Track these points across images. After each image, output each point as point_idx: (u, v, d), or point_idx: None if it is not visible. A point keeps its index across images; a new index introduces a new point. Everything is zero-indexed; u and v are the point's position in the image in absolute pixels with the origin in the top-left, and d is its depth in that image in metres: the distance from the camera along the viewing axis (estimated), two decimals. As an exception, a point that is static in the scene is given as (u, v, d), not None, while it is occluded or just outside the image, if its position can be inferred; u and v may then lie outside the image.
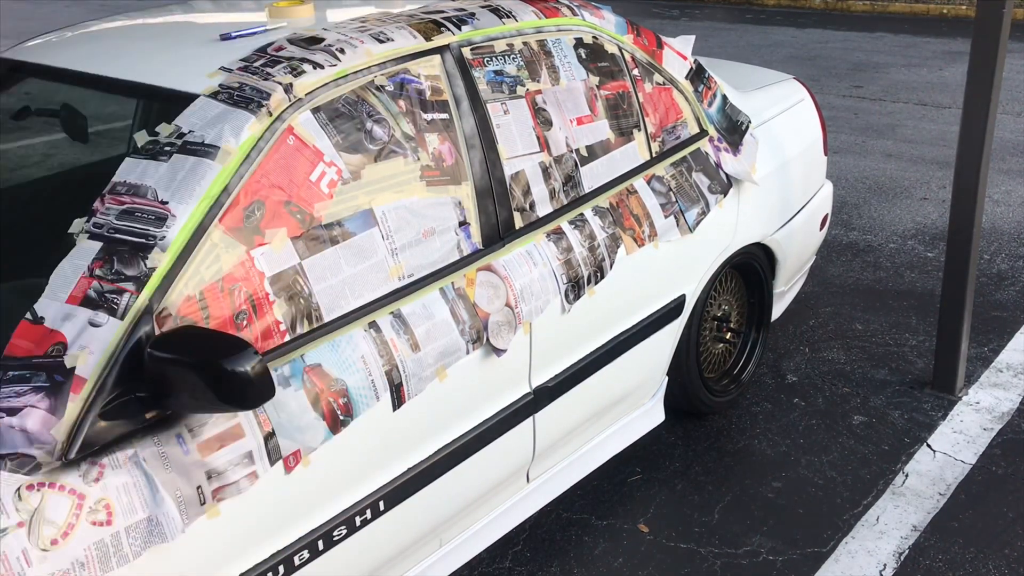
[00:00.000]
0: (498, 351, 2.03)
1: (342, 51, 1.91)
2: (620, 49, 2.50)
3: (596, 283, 2.27)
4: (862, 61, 9.08)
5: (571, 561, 2.49)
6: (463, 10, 2.21)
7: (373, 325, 1.81)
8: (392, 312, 1.85)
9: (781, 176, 2.99)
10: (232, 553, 1.62)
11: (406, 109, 1.96)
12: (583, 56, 2.39)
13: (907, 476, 2.78)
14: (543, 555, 2.52)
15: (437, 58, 2.05)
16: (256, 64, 1.87)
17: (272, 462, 1.63)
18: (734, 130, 2.82)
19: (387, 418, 1.82)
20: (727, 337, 3.07)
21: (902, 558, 2.46)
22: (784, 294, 3.30)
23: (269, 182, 1.71)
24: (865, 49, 9.72)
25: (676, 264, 2.58)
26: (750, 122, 2.86)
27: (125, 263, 1.55)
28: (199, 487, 1.53)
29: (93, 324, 1.50)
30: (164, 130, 1.72)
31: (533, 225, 2.17)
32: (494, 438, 2.07)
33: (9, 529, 1.34)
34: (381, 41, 1.98)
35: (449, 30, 2.11)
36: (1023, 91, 7.53)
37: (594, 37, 2.44)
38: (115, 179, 1.66)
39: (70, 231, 1.60)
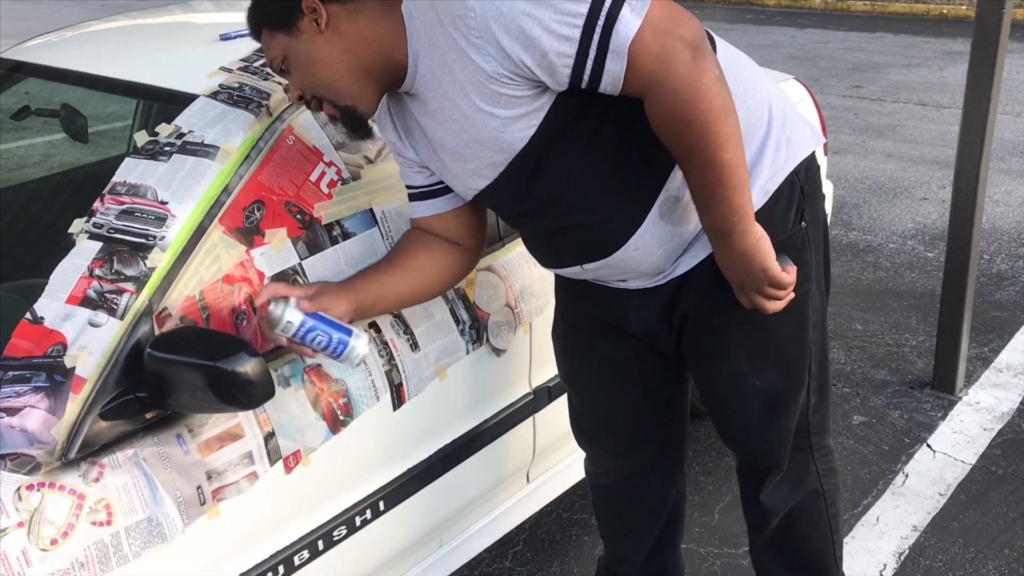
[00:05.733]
0: (498, 351, 2.03)
1: (342, 51, 1.91)
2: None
3: None
4: (862, 61, 9.09)
5: (571, 561, 2.49)
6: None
7: (373, 325, 1.81)
8: (392, 312, 1.85)
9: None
10: (232, 553, 1.62)
11: (406, 109, 1.96)
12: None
13: (907, 476, 2.78)
14: (543, 555, 2.52)
15: (437, 58, 2.05)
16: (256, 64, 1.87)
17: (272, 462, 1.63)
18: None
19: (387, 418, 1.82)
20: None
21: (902, 558, 2.46)
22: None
23: (269, 182, 1.71)
24: (865, 49, 9.73)
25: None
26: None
27: (125, 263, 1.55)
28: (199, 487, 1.53)
29: (93, 324, 1.50)
30: (164, 130, 1.72)
31: (533, 225, 2.17)
32: (494, 438, 2.07)
33: (9, 529, 1.34)
34: (381, 41, 1.98)
35: (449, 30, 2.10)
36: (1023, 91, 7.53)
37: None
38: (115, 179, 1.66)
39: (70, 231, 1.60)
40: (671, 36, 1.35)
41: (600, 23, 1.33)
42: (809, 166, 1.70)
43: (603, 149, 1.51)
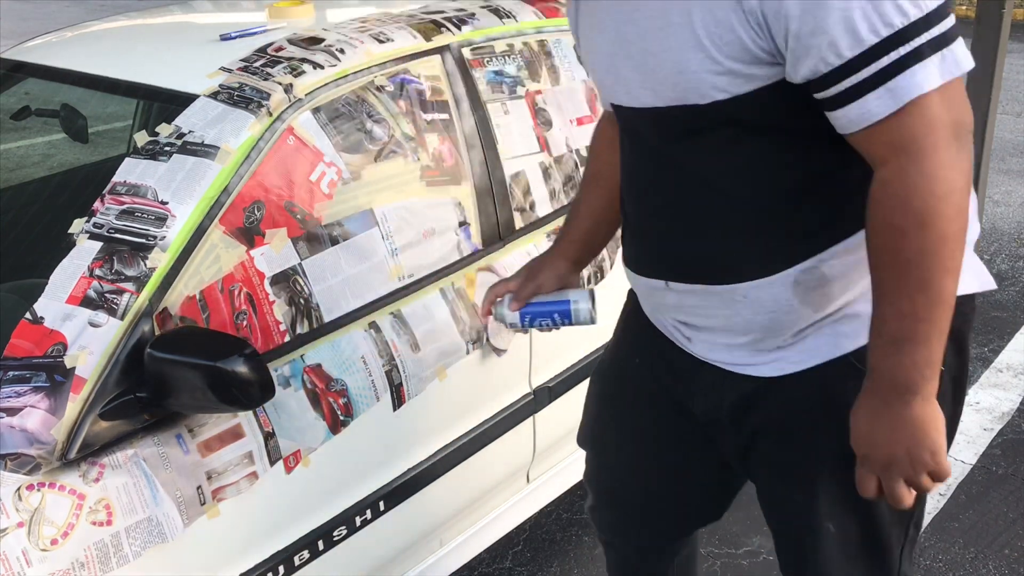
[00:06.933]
0: (498, 351, 2.03)
1: (342, 51, 1.91)
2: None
3: (597, 283, 2.27)
4: (862, 61, 9.06)
5: (571, 561, 2.49)
6: (463, 11, 2.21)
7: (373, 325, 1.81)
8: (392, 312, 1.85)
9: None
10: (232, 553, 1.62)
11: (406, 109, 1.96)
12: (583, 56, 2.39)
13: (907, 476, 2.78)
14: (543, 555, 2.52)
15: (437, 58, 2.05)
16: (256, 64, 1.86)
17: (272, 462, 1.63)
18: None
19: (387, 418, 1.82)
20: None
21: (902, 558, 2.46)
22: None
23: (269, 182, 1.71)
24: (865, 49, 9.70)
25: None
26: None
27: (125, 263, 1.55)
28: (199, 487, 1.53)
29: (93, 324, 1.50)
30: (164, 130, 1.72)
31: (533, 225, 2.17)
32: (494, 438, 2.07)
33: (9, 529, 1.34)
34: (381, 41, 1.98)
35: (449, 30, 2.11)
36: (1023, 91, 7.52)
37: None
38: (115, 179, 1.66)
39: (70, 231, 1.60)
40: (952, 114, 1.12)
41: (902, 51, 1.09)
42: (966, 304, 1.33)
43: (782, 175, 1.25)
